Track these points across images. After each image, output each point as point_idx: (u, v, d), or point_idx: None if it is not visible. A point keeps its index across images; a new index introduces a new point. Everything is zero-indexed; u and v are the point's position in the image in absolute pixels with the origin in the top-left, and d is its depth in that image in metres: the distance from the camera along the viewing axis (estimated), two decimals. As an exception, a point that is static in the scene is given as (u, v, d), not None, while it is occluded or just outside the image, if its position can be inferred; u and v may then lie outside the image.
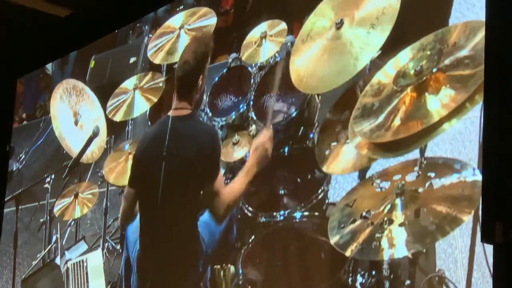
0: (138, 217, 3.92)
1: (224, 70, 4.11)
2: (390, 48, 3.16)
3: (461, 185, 2.82)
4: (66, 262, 4.62)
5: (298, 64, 3.57)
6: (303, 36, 3.59)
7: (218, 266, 3.66)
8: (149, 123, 4.40)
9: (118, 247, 4.32)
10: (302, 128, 3.61)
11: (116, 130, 4.66)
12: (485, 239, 2.62)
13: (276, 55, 3.83)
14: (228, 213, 3.66)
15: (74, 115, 5.02)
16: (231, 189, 3.66)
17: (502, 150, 2.60)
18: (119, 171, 4.45)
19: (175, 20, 4.44)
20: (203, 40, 3.84)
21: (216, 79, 4.12)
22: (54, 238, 4.87)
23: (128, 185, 4.00)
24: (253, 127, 3.81)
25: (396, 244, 2.89)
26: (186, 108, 3.74)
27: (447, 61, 2.93)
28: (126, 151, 4.46)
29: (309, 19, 3.59)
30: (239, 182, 3.64)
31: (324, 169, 3.36)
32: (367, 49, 3.26)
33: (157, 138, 3.78)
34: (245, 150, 3.78)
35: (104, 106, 4.71)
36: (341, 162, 3.29)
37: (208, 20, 4.24)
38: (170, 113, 3.77)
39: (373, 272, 3.10)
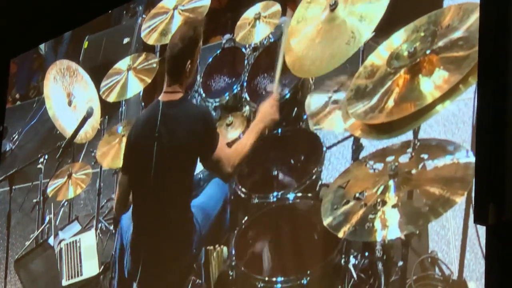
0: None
1: (218, 51, 4.11)
2: (384, 30, 3.16)
3: (454, 167, 2.83)
4: (60, 242, 4.62)
5: (292, 46, 3.56)
6: (298, 17, 3.58)
7: (211, 247, 3.67)
8: (143, 104, 4.39)
9: (111, 227, 4.32)
10: (295, 109, 3.62)
11: (110, 111, 4.65)
12: (478, 220, 2.63)
13: (270, 36, 3.83)
14: (235, 171, 3.62)
15: (68, 95, 5.01)
16: (235, 149, 3.60)
17: (495, 132, 2.61)
18: (112, 154, 4.43)
19: (169, 1, 4.42)
20: (193, 24, 3.77)
21: (210, 60, 4.11)
22: (47, 219, 4.87)
23: (121, 171, 3.98)
24: (247, 108, 3.81)
25: (389, 226, 2.89)
26: (177, 91, 3.67)
27: (440, 43, 2.93)
28: (119, 134, 4.45)
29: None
30: (245, 141, 3.60)
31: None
32: (360, 32, 3.26)
33: (148, 124, 3.74)
34: (239, 131, 3.78)
35: (97, 87, 4.69)
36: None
37: (202, 0, 4.22)
38: (161, 97, 3.72)
39: (366, 253, 3.11)
